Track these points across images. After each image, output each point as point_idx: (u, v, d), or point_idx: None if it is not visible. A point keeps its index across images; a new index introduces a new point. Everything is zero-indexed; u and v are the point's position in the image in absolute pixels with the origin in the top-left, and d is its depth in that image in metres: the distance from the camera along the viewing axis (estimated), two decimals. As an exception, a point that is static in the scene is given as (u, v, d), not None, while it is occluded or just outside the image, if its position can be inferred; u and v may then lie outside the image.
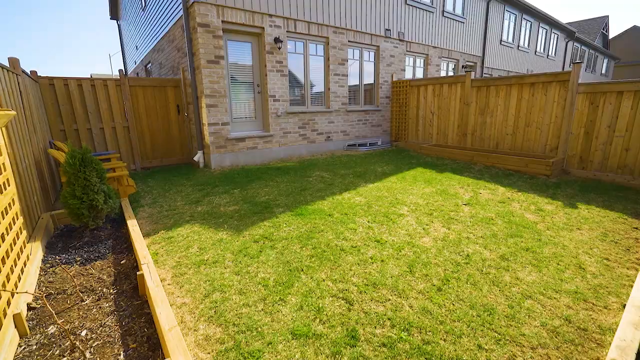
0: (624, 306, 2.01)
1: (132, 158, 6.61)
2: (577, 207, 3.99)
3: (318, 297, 2.19)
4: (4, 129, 2.68)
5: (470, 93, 7.19)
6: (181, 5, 5.98)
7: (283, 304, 2.14)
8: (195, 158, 6.46)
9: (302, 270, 2.55)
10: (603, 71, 29.05)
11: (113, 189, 3.74)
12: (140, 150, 6.70)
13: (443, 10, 10.38)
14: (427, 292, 2.25)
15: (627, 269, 2.56)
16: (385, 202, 4.13)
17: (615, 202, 4.18)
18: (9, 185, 2.42)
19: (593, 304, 2.13)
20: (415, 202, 4.16)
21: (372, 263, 2.65)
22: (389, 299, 2.17)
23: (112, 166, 4.87)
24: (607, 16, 27.63)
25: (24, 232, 2.59)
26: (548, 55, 18.20)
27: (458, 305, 2.10)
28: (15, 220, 2.43)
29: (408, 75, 9.91)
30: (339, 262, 2.67)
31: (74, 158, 3.28)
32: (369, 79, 8.83)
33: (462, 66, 11.72)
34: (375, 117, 9.00)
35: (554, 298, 2.18)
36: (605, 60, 28.99)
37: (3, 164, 2.35)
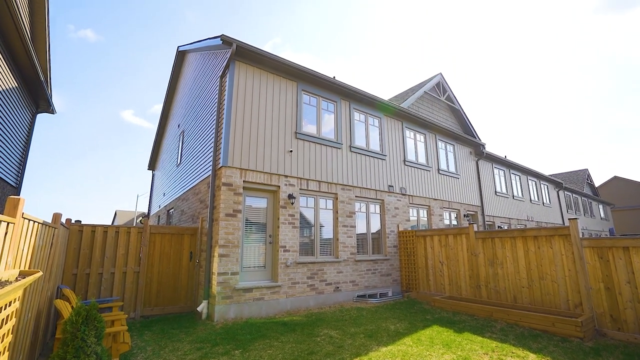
0: None
1: (134, 305, 6.39)
2: (627, 386, 3.45)
3: None
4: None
5: (476, 244, 7.35)
6: (211, 167, 7.02)
7: None
8: (199, 308, 6.19)
9: None
10: (602, 216, 29.96)
11: (106, 350, 3.50)
12: (144, 296, 6.54)
13: (438, 169, 11.81)
14: None
15: None
16: (402, 374, 3.65)
17: (671, 379, 3.62)
18: (2, 355, 2.32)
19: None
20: (436, 374, 3.67)
21: None
22: None
23: (112, 318, 4.67)
24: (587, 169, 30.66)
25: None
26: (543, 203, 19.31)
27: None
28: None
29: (413, 224, 10.41)
30: None
31: (78, 315, 3.23)
32: (376, 228, 9.27)
33: (464, 215, 12.37)
34: (384, 267, 8.95)
35: None
36: (600, 206, 30.34)
37: (9, 330, 2.32)
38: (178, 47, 11.91)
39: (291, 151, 7.64)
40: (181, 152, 11.07)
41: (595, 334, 5.20)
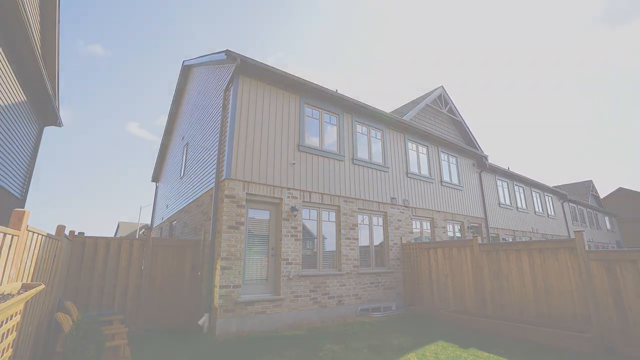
0: None
1: (135, 318, 6.31)
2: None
3: None
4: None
5: (481, 257, 7.26)
6: (214, 179, 7.06)
7: None
8: (200, 322, 6.12)
9: None
10: (609, 227, 29.51)
11: (106, 364, 3.46)
12: (146, 309, 6.46)
13: (441, 181, 11.78)
14: None
15: None
16: (406, 391, 3.57)
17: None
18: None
19: None
20: (441, 391, 3.58)
21: None
22: None
23: (113, 332, 4.64)
24: (591, 180, 30.41)
25: None
26: (548, 214, 19.12)
27: None
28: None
29: (416, 236, 10.33)
30: None
31: (79, 329, 3.21)
32: (378, 241, 9.20)
33: (468, 227, 12.27)
34: (387, 279, 8.84)
35: None
36: (606, 218, 29.95)
37: (9, 344, 2.30)
38: (183, 61, 12.14)
39: (294, 164, 7.67)
40: (185, 164, 11.15)
41: (605, 350, 5.07)
